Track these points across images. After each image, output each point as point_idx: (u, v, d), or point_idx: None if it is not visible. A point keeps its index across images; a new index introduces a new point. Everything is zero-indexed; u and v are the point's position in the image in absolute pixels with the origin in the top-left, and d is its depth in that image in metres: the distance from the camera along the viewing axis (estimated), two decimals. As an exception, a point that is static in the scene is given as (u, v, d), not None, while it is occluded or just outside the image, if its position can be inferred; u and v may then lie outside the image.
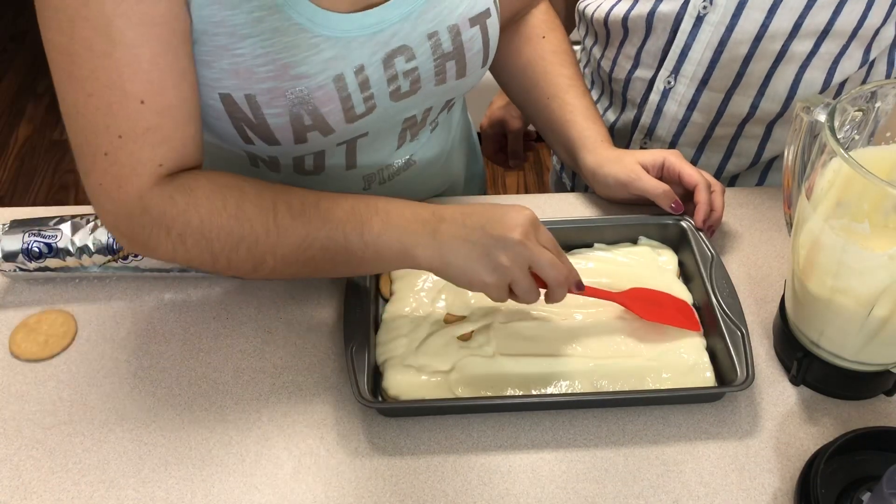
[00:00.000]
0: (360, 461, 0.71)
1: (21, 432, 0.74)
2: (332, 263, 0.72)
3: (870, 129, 0.70)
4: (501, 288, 0.70)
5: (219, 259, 0.71)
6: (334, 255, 0.71)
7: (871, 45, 0.95)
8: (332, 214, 0.71)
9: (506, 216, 0.70)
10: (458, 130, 1.03)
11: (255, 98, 0.72)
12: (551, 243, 0.72)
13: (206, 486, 0.70)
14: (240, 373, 0.78)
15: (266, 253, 0.70)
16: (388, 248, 0.70)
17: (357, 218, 0.71)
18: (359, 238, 0.70)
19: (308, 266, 0.72)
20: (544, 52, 0.99)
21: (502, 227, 0.69)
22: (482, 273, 0.69)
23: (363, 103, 0.77)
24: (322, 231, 0.70)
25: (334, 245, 0.70)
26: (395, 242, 0.70)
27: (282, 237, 0.70)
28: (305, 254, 0.71)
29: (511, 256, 0.69)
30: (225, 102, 0.73)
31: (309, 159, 0.84)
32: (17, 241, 0.83)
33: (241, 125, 0.75)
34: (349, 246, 0.70)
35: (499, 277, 0.69)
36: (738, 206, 0.95)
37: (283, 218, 0.70)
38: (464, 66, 0.82)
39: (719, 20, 0.93)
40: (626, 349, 0.77)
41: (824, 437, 0.72)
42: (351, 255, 0.71)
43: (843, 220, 0.65)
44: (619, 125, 1.11)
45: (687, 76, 0.99)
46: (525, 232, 0.69)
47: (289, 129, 0.75)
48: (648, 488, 0.69)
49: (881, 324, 0.67)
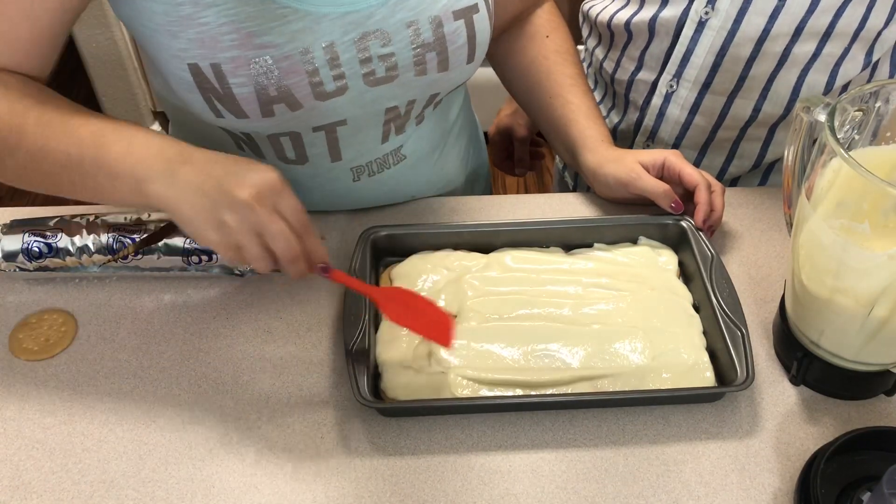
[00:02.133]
0: (360, 461, 0.71)
1: (21, 432, 0.74)
2: (70, 181, 0.70)
3: (871, 129, 0.70)
4: (227, 248, 0.67)
5: None
6: (70, 172, 0.69)
7: (873, 46, 0.95)
8: (74, 130, 0.69)
9: (247, 173, 0.66)
10: (457, 128, 1.03)
11: (220, 67, 0.73)
12: (295, 215, 0.67)
13: (206, 486, 0.70)
14: (240, 373, 0.78)
15: (6, 156, 0.71)
16: (122, 175, 0.67)
17: (98, 139, 0.69)
18: (93, 158, 0.68)
19: (49, 179, 0.71)
20: (548, 52, 0.99)
21: (237, 183, 0.65)
22: (206, 229, 0.66)
23: (333, 81, 0.77)
24: (61, 143, 0.69)
25: (69, 161, 0.69)
26: (129, 172, 0.67)
27: (22, 140, 0.69)
28: (43, 164, 0.70)
29: (237, 219, 0.65)
30: (193, 73, 0.74)
31: (287, 143, 0.84)
32: (17, 241, 0.83)
33: (210, 96, 0.76)
34: (83, 164, 0.69)
35: (222, 237, 0.66)
36: (738, 206, 0.95)
37: (28, 124, 0.69)
38: (446, 60, 0.81)
39: (721, 25, 0.93)
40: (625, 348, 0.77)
41: (824, 437, 0.72)
42: (85, 175, 0.69)
43: (843, 220, 0.65)
44: (622, 127, 1.11)
45: (689, 80, 0.99)
46: (259, 195, 0.65)
47: (254, 100, 0.75)
48: (648, 488, 0.69)
49: (881, 324, 0.67)
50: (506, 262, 0.85)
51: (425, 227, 0.89)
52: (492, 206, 0.97)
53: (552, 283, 0.83)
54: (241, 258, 0.68)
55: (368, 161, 0.90)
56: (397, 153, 0.91)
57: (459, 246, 0.88)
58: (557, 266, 0.85)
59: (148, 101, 2.55)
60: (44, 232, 0.83)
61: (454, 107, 1.01)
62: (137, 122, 0.72)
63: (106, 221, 0.84)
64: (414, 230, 0.87)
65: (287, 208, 0.67)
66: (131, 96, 2.52)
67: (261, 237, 0.66)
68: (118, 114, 2.53)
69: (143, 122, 2.61)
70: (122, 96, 2.50)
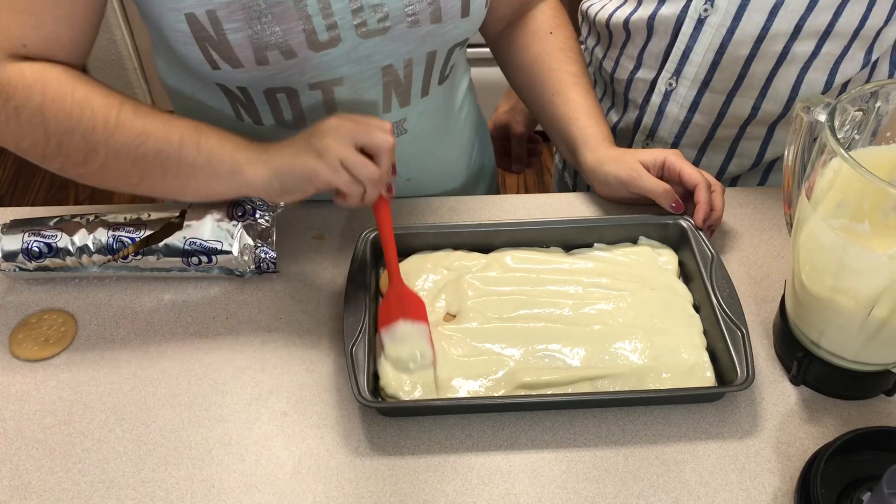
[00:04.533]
0: (360, 461, 0.71)
1: (21, 432, 0.74)
2: (163, 167, 0.75)
3: (871, 128, 0.70)
4: (334, 168, 0.74)
5: (51, 140, 0.73)
6: (166, 159, 0.74)
7: (872, 45, 0.95)
8: (173, 121, 0.75)
9: (319, 129, 0.76)
10: (462, 116, 1.03)
11: (215, 13, 0.75)
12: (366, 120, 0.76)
13: (206, 486, 0.70)
14: (240, 373, 0.78)
15: (100, 142, 0.73)
16: (221, 161, 0.75)
17: (196, 129, 0.76)
18: (194, 145, 0.75)
19: (138, 165, 0.75)
20: (551, 49, 0.99)
21: (317, 135, 0.75)
22: (309, 161, 0.75)
23: (326, 31, 0.78)
24: (161, 130, 0.74)
25: (168, 147, 0.74)
26: (228, 157, 0.75)
27: (120, 128, 0.73)
28: (140, 149, 0.74)
29: (332, 137, 0.74)
30: (189, 22, 0.76)
31: (284, 103, 0.85)
32: (17, 241, 0.83)
33: (206, 45, 0.77)
34: (182, 151, 0.75)
35: (326, 159, 0.74)
36: (738, 206, 0.95)
37: (126, 113, 0.74)
38: (438, 10, 0.82)
39: (720, 22, 0.93)
40: (625, 348, 0.77)
41: (824, 437, 0.72)
42: (182, 161, 0.75)
43: (843, 220, 0.65)
44: (622, 126, 1.11)
45: (688, 78, 0.99)
46: (339, 119, 0.75)
47: (248, 45, 0.77)
48: (648, 488, 0.69)
49: (881, 324, 0.67)
50: (506, 262, 0.85)
51: (425, 227, 0.89)
52: (492, 206, 0.97)
53: (552, 283, 0.83)
54: (351, 177, 0.75)
55: None
56: (400, 126, 0.92)
57: (459, 246, 0.88)
58: (557, 266, 0.85)
59: (148, 101, 2.55)
60: (44, 232, 0.83)
61: (459, 91, 1.01)
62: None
63: (106, 221, 0.84)
64: (414, 230, 0.87)
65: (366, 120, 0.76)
66: (133, 97, 2.52)
67: (357, 144, 0.75)
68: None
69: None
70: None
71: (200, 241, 0.82)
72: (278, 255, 0.87)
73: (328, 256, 0.90)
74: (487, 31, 1.04)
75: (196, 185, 0.77)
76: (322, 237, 0.92)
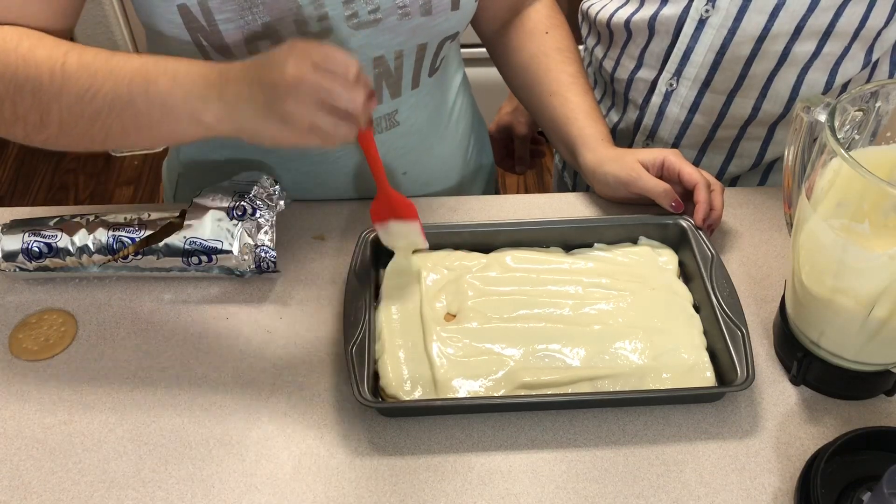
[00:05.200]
0: (360, 461, 0.71)
1: (21, 432, 0.74)
2: (121, 122, 0.70)
3: (871, 128, 0.70)
4: (303, 134, 0.66)
5: (5, 104, 0.70)
6: (121, 112, 0.69)
7: (873, 46, 0.95)
8: (119, 69, 0.69)
9: (274, 57, 0.65)
10: (456, 112, 1.03)
11: (207, 4, 0.75)
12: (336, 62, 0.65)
13: (206, 486, 0.70)
14: (240, 373, 0.78)
15: (51, 101, 0.69)
16: (175, 107, 0.68)
17: (144, 75, 0.68)
18: (144, 94, 0.68)
19: (96, 123, 0.70)
20: (547, 49, 0.99)
21: (272, 70, 0.65)
22: (273, 129, 0.66)
23: (317, 22, 0.78)
24: (107, 83, 0.68)
25: (119, 101, 0.69)
26: (182, 103, 0.68)
27: (66, 84, 0.68)
28: (91, 106, 0.69)
29: (294, 101, 0.64)
30: (182, 13, 0.75)
31: None
32: (17, 241, 0.83)
33: (198, 36, 0.77)
34: (134, 102, 0.68)
35: (294, 126, 0.66)
36: (738, 206, 0.95)
37: (70, 66, 0.69)
38: (429, 2, 0.82)
39: (721, 23, 0.93)
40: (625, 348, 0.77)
41: (824, 437, 0.72)
42: (138, 113, 0.69)
43: (843, 220, 0.65)
44: (622, 126, 1.11)
45: (689, 78, 0.99)
46: (297, 66, 0.64)
47: (240, 36, 0.77)
48: (648, 488, 0.69)
49: (881, 324, 0.67)
50: (506, 262, 0.85)
51: (425, 226, 0.89)
52: (492, 206, 0.97)
53: (552, 283, 0.83)
54: (324, 138, 0.67)
55: None
56: (391, 118, 0.92)
57: (459, 246, 0.88)
58: (558, 266, 0.85)
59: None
60: (44, 232, 0.83)
61: (452, 85, 1.01)
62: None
63: (106, 221, 0.84)
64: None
65: (320, 56, 0.65)
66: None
67: (325, 103, 0.65)
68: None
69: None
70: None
71: (200, 240, 0.82)
72: (278, 255, 0.87)
73: (328, 256, 0.90)
74: (483, 31, 1.04)
75: (161, 134, 0.72)
76: (322, 237, 0.92)
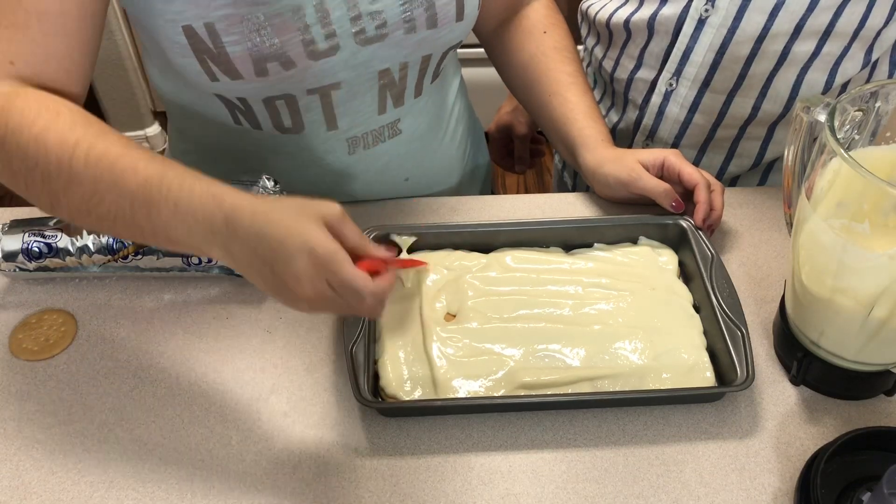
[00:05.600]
0: (360, 461, 0.71)
1: (21, 432, 0.74)
2: (128, 232, 0.68)
3: (870, 129, 0.70)
4: (319, 308, 0.64)
5: (18, 179, 0.68)
6: (127, 225, 0.66)
7: (872, 45, 0.95)
8: (123, 182, 0.64)
9: (285, 250, 0.60)
10: (455, 115, 1.03)
11: (213, 26, 0.73)
12: (345, 286, 0.61)
13: (206, 486, 0.70)
14: (240, 373, 0.78)
15: (59, 193, 0.66)
16: (179, 239, 0.64)
17: (146, 197, 0.63)
18: (146, 218, 0.64)
19: (104, 224, 0.67)
20: (546, 49, 0.99)
21: (285, 269, 0.60)
22: (289, 302, 0.63)
23: (325, 40, 0.77)
24: (111, 194, 0.64)
25: (123, 216, 0.65)
26: (185, 237, 0.64)
27: (72, 183, 0.65)
28: (96, 210, 0.66)
29: (308, 306, 0.63)
30: (188, 35, 0.74)
31: (283, 108, 0.84)
32: (17, 241, 0.83)
33: (204, 58, 0.76)
34: (137, 222, 0.65)
35: (309, 306, 0.63)
36: (738, 206, 0.95)
37: (77, 164, 0.65)
38: (434, 16, 0.82)
39: (721, 22, 0.93)
40: (625, 348, 0.77)
41: (824, 437, 0.72)
42: (143, 231, 0.65)
43: (843, 220, 0.65)
44: (622, 126, 1.11)
45: (689, 78, 0.99)
46: (313, 287, 0.61)
47: (248, 58, 0.76)
48: (648, 488, 0.69)
49: (881, 324, 0.67)
50: (506, 262, 0.85)
51: (425, 227, 0.89)
52: (492, 206, 0.97)
53: (552, 284, 0.83)
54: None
55: (364, 132, 0.90)
56: (394, 126, 0.92)
57: (459, 246, 0.88)
58: (557, 266, 0.85)
59: (148, 101, 2.55)
60: (44, 232, 0.83)
61: (451, 89, 1.01)
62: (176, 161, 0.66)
63: (106, 221, 0.84)
64: (414, 230, 0.87)
65: (344, 287, 0.62)
66: (131, 96, 2.52)
67: (341, 310, 0.64)
68: (118, 114, 2.53)
69: (143, 122, 2.61)
70: (122, 96, 2.50)
71: (200, 241, 0.82)
72: (278, 255, 0.87)
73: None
74: (480, 31, 1.04)
75: (166, 247, 0.71)
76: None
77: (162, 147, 2.62)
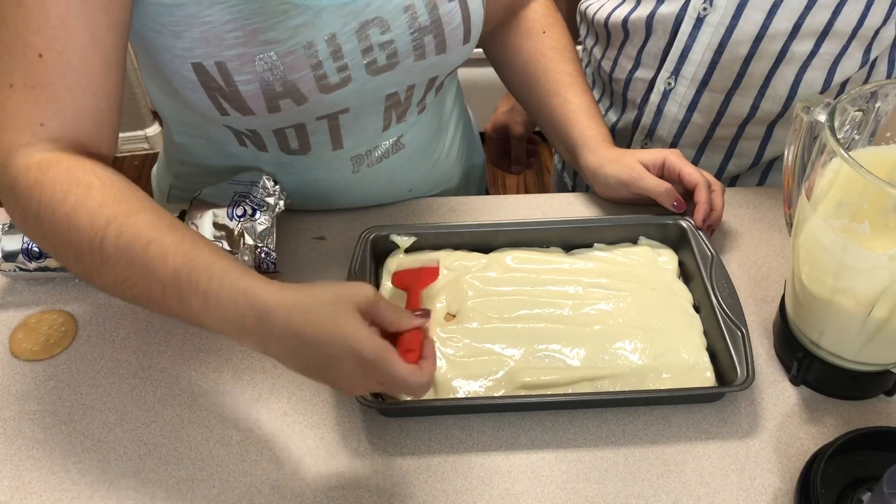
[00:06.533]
0: (360, 461, 0.71)
1: (21, 432, 0.74)
2: (162, 312, 0.65)
3: (870, 129, 0.70)
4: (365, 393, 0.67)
5: (55, 253, 0.67)
6: (160, 308, 0.64)
7: (871, 45, 0.95)
8: (154, 270, 0.62)
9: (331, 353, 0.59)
10: (454, 118, 1.03)
11: (225, 65, 0.73)
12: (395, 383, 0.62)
13: (206, 486, 0.70)
14: (240, 373, 0.78)
15: (93, 273, 0.65)
16: (211, 328, 0.63)
17: (177, 288, 0.62)
18: (178, 306, 0.63)
19: (139, 303, 0.66)
20: (545, 49, 0.99)
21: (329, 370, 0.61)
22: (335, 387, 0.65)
23: (337, 73, 0.77)
24: (143, 280, 0.63)
25: (155, 301, 0.64)
26: (216, 327, 0.62)
27: (104, 266, 0.64)
28: (129, 292, 0.65)
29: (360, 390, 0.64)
30: (197, 72, 0.74)
31: (291, 134, 0.84)
32: (17, 241, 0.83)
33: (215, 94, 0.76)
34: (170, 307, 0.63)
35: (354, 393, 0.65)
36: (738, 206, 0.95)
37: (108, 247, 0.63)
38: (443, 42, 0.82)
39: (719, 21, 0.93)
40: (625, 349, 0.77)
41: (824, 437, 0.72)
42: (178, 316, 0.64)
43: (843, 220, 0.65)
44: (620, 126, 1.11)
45: (687, 77, 0.99)
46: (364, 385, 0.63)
47: (260, 96, 0.75)
48: (648, 488, 0.69)
49: (881, 324, 0.67)
50: (506, 262, 0.85)
51: (425, 227, 0.89)
52: (492, 206, 0.97)
53: (552, 284, 0.83)
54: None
55: (368, 150, 0.90)
56: (397, 143, 0.92)
57: (459, 246, 0.88)
58: (558, 266, 0.85)
59: (148, 102, 2.56)
60: (44, 232, 0.83)
61: (450, 95, 1.01)
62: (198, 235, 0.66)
63: (106, 221, 0.84)
64: (414, 230, 0.87)
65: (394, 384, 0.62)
66: (131, 96, 2.52)
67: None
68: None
69: (143, 122, 2.61)
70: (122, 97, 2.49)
71: (200, 241, 0.82)
72: (278, 255, 0.87)
73: (328, 256, 0.90)
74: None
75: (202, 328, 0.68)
76: (322, 238, 0.92)
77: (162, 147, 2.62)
